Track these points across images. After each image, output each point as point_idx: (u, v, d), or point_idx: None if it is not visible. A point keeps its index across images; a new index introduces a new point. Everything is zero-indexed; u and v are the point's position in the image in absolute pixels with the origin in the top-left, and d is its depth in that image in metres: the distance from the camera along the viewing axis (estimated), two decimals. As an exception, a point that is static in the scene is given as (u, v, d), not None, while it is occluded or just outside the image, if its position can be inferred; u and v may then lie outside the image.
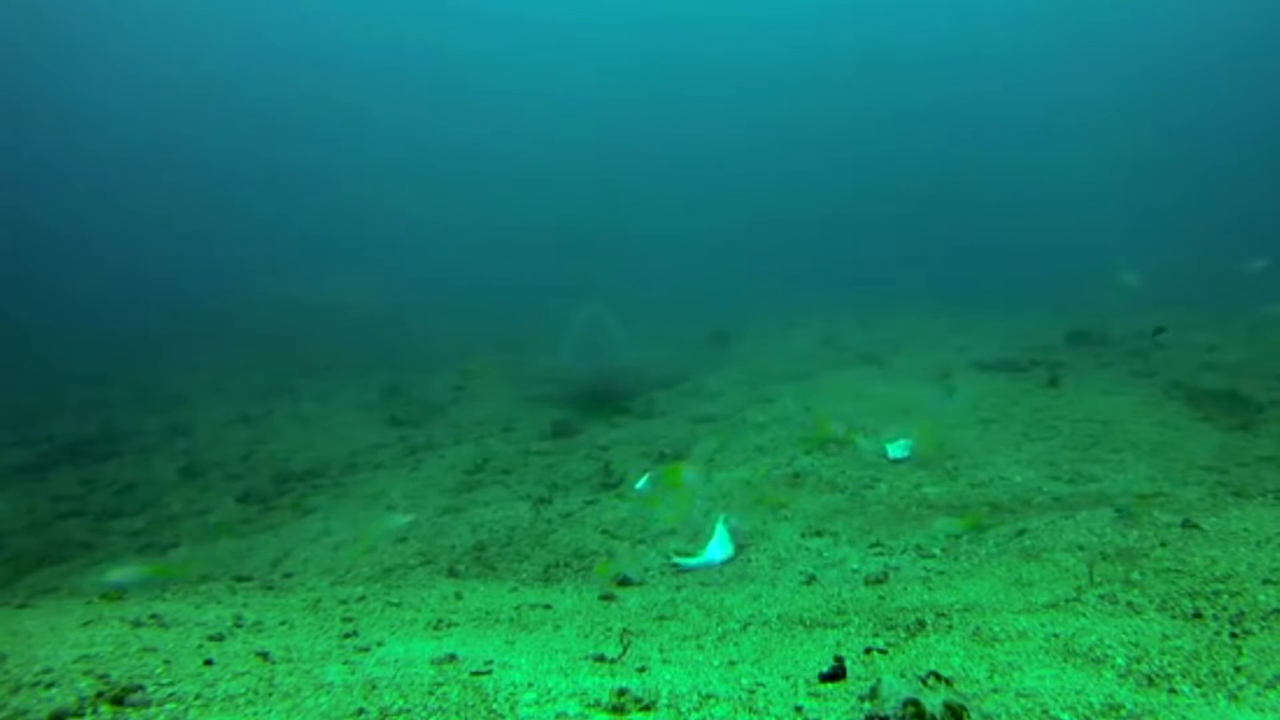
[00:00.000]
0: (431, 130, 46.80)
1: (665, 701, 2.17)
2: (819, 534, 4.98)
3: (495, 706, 2.12)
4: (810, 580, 4.13)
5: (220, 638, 2.95)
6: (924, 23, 46.26)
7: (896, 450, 6.21)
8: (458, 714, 2.08)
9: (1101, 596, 3.12)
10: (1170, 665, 2.44)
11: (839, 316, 15.32)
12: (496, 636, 3.16)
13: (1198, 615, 2.83)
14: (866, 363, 10.93)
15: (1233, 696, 2.26)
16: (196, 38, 42.76)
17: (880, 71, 45.10)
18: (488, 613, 3.62)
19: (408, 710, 2.09)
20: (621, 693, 2.17)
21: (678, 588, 4.13)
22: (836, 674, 2.39)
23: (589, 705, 2.14)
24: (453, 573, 4.79)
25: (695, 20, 47.83)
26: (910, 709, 1.92)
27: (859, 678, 2.39)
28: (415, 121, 47.10)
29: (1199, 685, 2.33)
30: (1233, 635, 2.62)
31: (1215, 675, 2.37)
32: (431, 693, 2.21)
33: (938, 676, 2.16)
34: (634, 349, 11.78)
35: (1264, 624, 2.68)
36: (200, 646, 2.77)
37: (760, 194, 38.31)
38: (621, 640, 2.88)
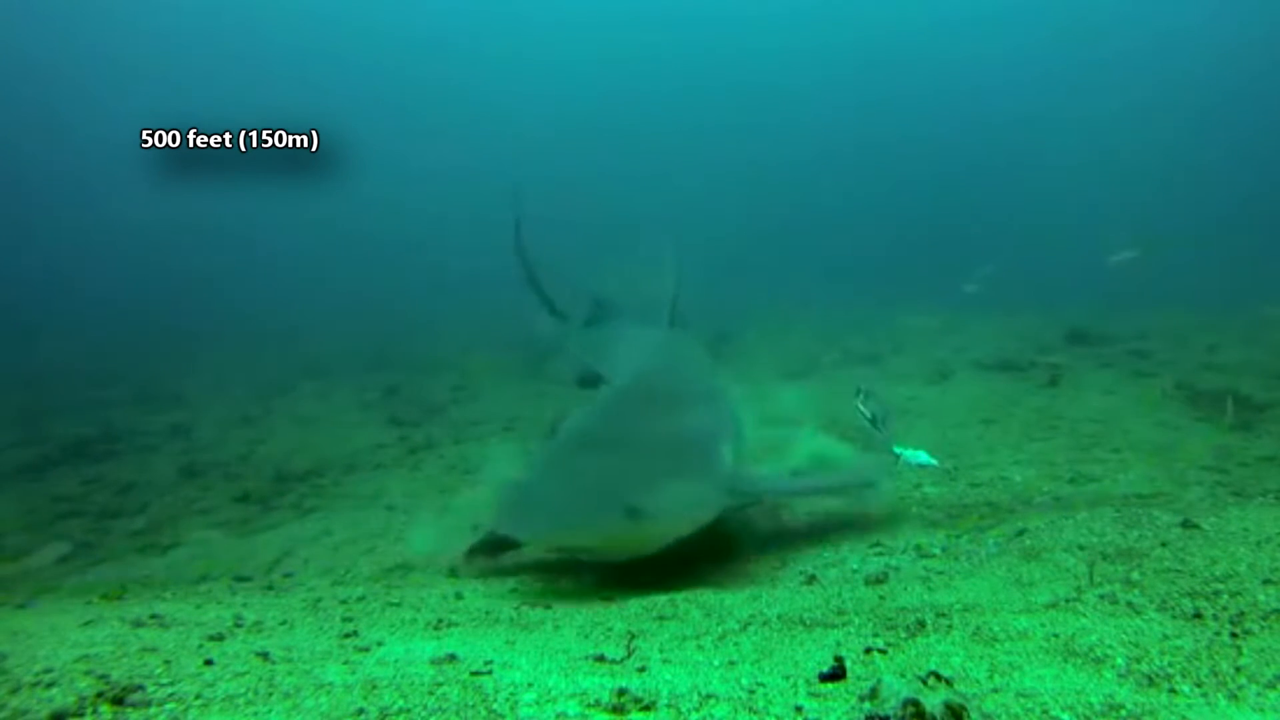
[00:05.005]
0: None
1: (665, 701, 2.17)
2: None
3: (495, 706, 2.12)
4: (810, 580, 4.13)
5: (220, 638, 2.95)
6: (922, 20, 46.26)
7: (920, 457, 5.94)
8: (458, 714, 2.08)
9: (1102, 596, 3.12)
10: (1170, 665, 2.44)
11: (838, 316, 15.31)
12: (496, 636, 3.16)
13: (1198, 615, 2.83)
14: (867, 362, 10.94)
15: (1233, 696, 2.25)
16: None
17: (879, 66, 45.08)
18: (488, 613, 3.62)
19: (408, 710, 2.09)
20: (621, 692, 2.17)
21: (678, 587, 4.12)
22: (836, 674, 2.39)
23: (589, 705, 2.14)
24: (453, 573, 4.79)
25: (693, 17, 47.78)
26: (910, 709, 1.92)
27: (859, 678, 2.39)
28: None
29: (1199, 685, 2.32)
30: (1233, 635, 2.62)
31: (1215, 675, 2.36)
32: (431, 693, 2.21)
33: (938, 676, 2.16)
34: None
35: (1264, 624, 2.68)
36: (200, 646, 2.77)
37: (756, 191, 38.20)
38: (628, 646, 2.88)
